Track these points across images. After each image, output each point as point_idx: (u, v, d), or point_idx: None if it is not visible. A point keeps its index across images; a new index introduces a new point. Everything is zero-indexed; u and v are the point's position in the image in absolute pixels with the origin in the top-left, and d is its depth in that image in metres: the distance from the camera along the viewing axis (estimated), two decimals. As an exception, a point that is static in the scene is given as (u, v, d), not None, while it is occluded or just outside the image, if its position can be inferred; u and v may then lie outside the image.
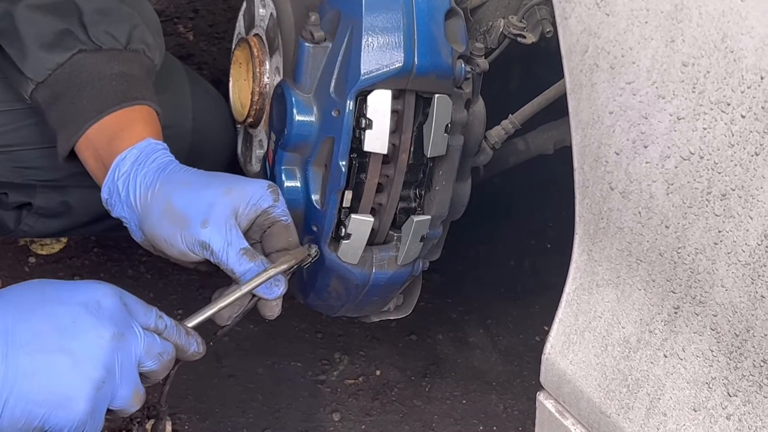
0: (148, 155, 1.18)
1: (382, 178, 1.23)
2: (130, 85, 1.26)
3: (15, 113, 1.41)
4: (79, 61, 1.25)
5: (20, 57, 1.26)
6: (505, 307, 2.07)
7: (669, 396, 0.93)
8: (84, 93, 1.24)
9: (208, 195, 1.12)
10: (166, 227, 1.13)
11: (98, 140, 1.22)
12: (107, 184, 1.19)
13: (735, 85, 0.79)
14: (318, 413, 1.82)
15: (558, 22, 0.93)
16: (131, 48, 1.29)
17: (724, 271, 0.85)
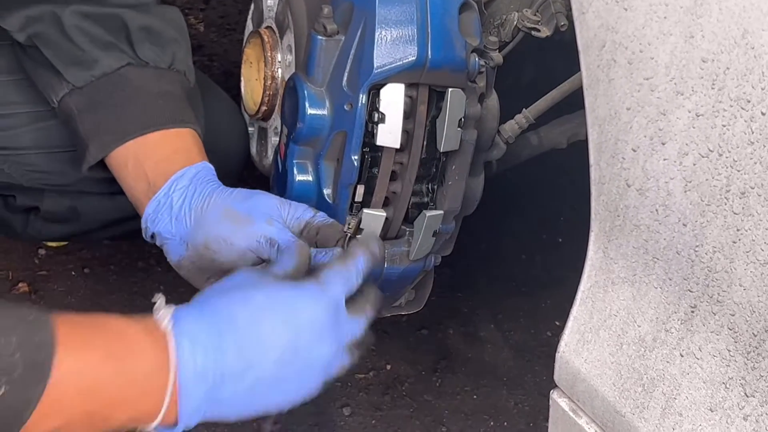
0: (205, 176, 1.22)
1: (394, 173, 1.22)
2: (177, 106, 1.27)
3: (28, 115, 1.40)
4: (126, 74, 1.26)
5: (63, 60, 1.25)
6: (516, 302, 2.06)
7: (685, 396, 0.92)
8: (128, 105, 1.24)
9: (264, 202, 1.17)
10: (228, 227, 1.15)
11: (142, 155, 1.23)
12: (158, 198, 1.20)
13: (755, 82, 0.78)
14: (328, 408, 1.82)
15: (575, 17, 0.92)
16: (174, 68, 1.30)
17: (742, 270, 0.84)
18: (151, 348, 0.95)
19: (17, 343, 0.86)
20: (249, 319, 0.99)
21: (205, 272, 1.18)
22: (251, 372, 0.98)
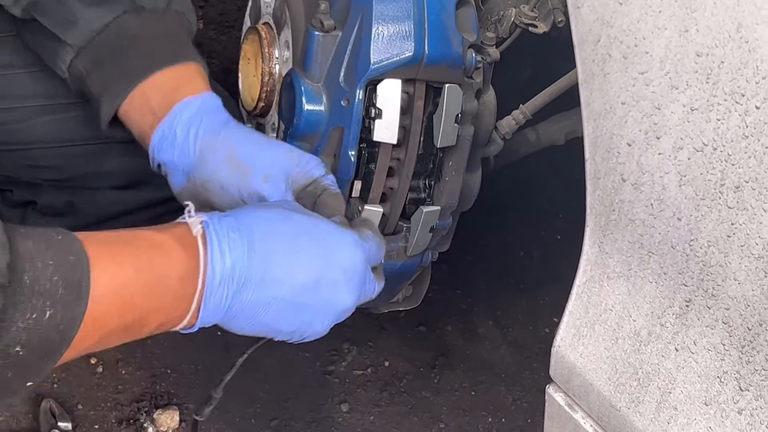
0: (211, 106, 1.19)
1: (391, 168, 1.22)
2: (179, 45, 1.26)
3: (27, 110, 1.40)
4: (124, 23, 1.23)
5: (60, 24, 1.24)
6: (514, 299, 2.06)
7: (680, 390, 0.92)
8: (131, 53, 1.22)
9: (270, 153, 1.15)
10: (226, 174, 1.14)
11: (153, 95, 1.21)
12: (161, 127, 1.18)
13: (749, 76, 0.78)
14: (326, 404, 1.82)
15: (570, 12, 0.92)
16: (173, 9, 1.28)
17: (737, 264, 0.84)
18: (182, 254, 0.97)
19: (54, 266, 0.87)
20: (285, 237, 1.02)
21: (205, 208, 1.16)
22: (273, 288, 1.00)
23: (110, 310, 0.92)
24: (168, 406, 1.78)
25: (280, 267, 1.01)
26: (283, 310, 1.03)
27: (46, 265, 0.86)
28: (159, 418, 1.76)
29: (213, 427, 1.77)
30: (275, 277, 1.00)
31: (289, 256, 1.02)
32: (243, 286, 0.99)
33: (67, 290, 0.87)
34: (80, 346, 0.91)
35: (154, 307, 0.96)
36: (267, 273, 1.00)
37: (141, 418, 1.76)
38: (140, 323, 0.96)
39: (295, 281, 1.02)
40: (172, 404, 1.79)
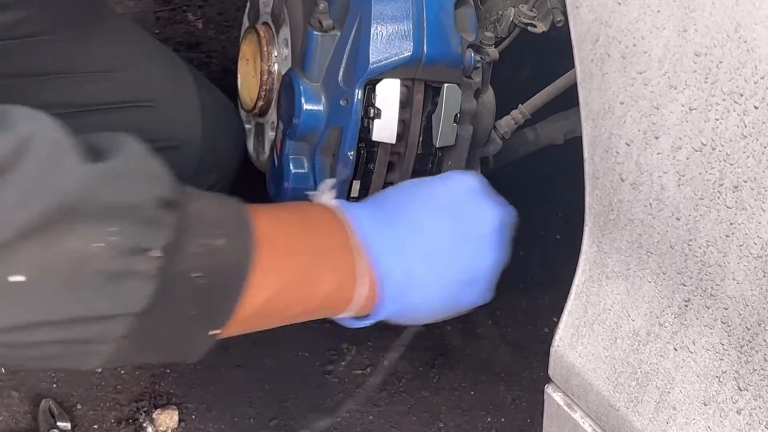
0: None
1: (391, 164, 1.22)
2: None
3: None
4: None
5: None
6: (513, 299, 2.06)
7: (679, 390, 0.92)
8: None
9: None
10: None
11: None
12: None
13: (748, 76, 0.78)
14: (325, 404, 1.82)
15: (569, 11, 0.92)
16: None
17: (736, 264, 0.84)
18: (330, 224, 0.98)
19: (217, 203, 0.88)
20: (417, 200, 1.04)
21: None
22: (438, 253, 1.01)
23: (280, 252, 0.92)
24: (167, 405, 1.78)
25: (422, 220, 1.01)
26: (446, 256, 1.02)
27: (210, 202, 0.87)
28: (158, 417, 1.76)
29: (212, 427, 1.77)
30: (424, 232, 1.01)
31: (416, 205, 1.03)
32: (400, 245, 0.99)
33: (236, 224, 0.87)
34: (256, 300, 0.88)
35: (318, 265, 0.95)
36: (416, 228, 1.01)
37: (140, 418, 1.76)
38: (313, 276, 0.94)
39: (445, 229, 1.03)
40: (171, 404, 1.79)
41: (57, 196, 0.73)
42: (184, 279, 0.82)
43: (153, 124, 1.45)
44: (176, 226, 0.80)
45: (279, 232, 0.92)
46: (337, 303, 0.98)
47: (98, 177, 0.76)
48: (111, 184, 0.77)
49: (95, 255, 0.76)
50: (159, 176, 0.82)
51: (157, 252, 0.79)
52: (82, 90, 1.44)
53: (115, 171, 0.78)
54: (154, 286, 0.79)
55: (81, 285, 0.76)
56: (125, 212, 0.77)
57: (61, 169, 0.74)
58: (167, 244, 0.79)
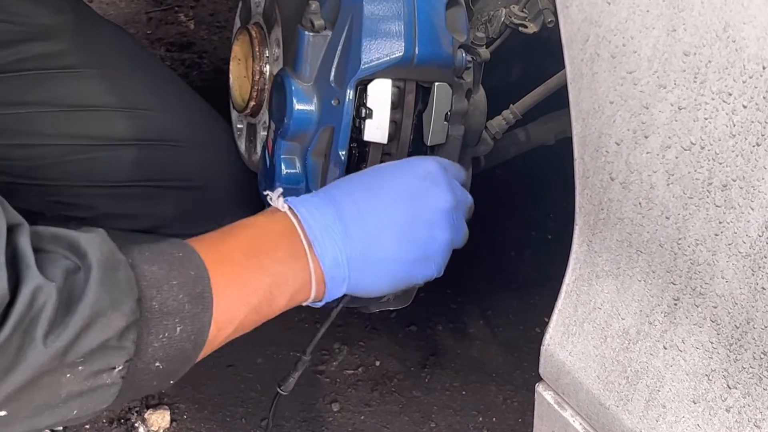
0: None
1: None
2: None
3: (53, 148, 1.42)
4: None
5: None
6: (505, 299, 2.07)
7: (668, 388, 0.93)
8: None
9: None
10: None
11: None
12: None
13: (737, 75, 0.79)
14: (317, 403, 1.82)
15: (559, 11, 0.93)
16: None
17: (725, 263, 0.85)
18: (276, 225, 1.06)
19: (178, 285, 0.94)
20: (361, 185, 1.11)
21: None
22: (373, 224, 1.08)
23: (235, 304, 0.99)
24: (159, 406, 1.78)
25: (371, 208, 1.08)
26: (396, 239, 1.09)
27: (171, 286, 0.93)
28: (150, 417, 1.76)
29: (203, 426, 1.77)
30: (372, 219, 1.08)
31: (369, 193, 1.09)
32: (346, 235, 1.06)
33: (193, 304, 0.95)
34: (216, 341, 0.99)
35: (272, 282, 1.02)
36: (363, 216, 1.07)
37: (132, 418, 1.76)
38: (267, 302, 1.02)
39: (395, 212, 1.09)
40: (163, 404, 1.79)
41: (28, 372, 0.83)
42: (146, 371, 0.93)
43: (179, 164, 1.49)
44: (137, 340, 0.90)
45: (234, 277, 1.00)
46: (294, 304, 1.07)
47: (61, 351, 0.84)
48: (74, 347, 0.85)
49: (66, 383, 0.86)
50: (121, 301, 0.89)
51: (120, 367, 0.89)
52: (114, 125, 1.47)
53: (78, 329, 0.85)
54: (118, 389, 0.90)
55: (53, 405, 0.87)
56: (90, 352, 0.86)
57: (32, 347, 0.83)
58: (128, 359, 0.89)
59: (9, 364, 0.82)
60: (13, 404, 0.84)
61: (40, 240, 0.88)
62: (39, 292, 0.83)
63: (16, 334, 0.82)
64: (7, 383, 0.82)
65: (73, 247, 0.89)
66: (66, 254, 0.88)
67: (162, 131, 1.47)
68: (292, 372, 1.29)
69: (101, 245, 0.90)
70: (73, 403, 0.88)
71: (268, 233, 1.06)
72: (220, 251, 1.01)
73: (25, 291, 0.82)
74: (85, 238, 0.90)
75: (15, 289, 0.82)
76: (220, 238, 1.04)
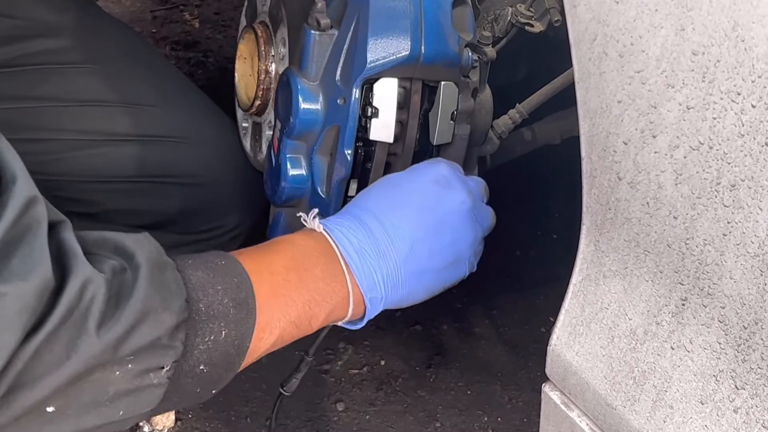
0: None
1: (388, 164, 1.22)
2: None
3: (60, 143, 1.42)
4: None
5: None
6: (510, 298, 2.06)
7: (676, 388, 0.92)
8: None
9: None
10: None
11: None
12: None
13: (746, 75, 0.78)
14: (322, 403, 1.82)
15: (566, 10, 0.92)
16: None
17: (733, 263, 0.85)
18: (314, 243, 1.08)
19: (223, 290, 0.95)
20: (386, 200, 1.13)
21: None
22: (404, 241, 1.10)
23: (275, 315, 1.00)
24: (164, 405, 1.78)
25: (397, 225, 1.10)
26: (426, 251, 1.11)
27: (216, 290, 0.95)
28: (155, 417, 1.76)
29: (208, 426, 1.77)
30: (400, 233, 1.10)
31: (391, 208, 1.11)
32: (379, 255, 1.08)
33: (237, 309, 0.96)
34: (257, 351, 1.00)
35: (311, 298, 1.04)
36: (391, 234, 1.09)
37: (137, 417, 1.76)
38: (307, 317, 1.04)
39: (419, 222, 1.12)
40: (168, 403, 1.79)
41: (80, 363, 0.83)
42: (191, 374, 0.93)
43: (184, 161, 1.50)
44: (185, 340, 0.91)
45: (275, 288, 1.02)
46: (331, 321, 1.10)
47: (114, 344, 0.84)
48: (126, 342, 0.85)
49: (115, 380, 0.86)
50: (171, 300, 0.90)
51: (168, 367, 0.90)
52: (119, 120, 1.47)
53: (130, 323, 0.85)
54: (164, 390, 0.91)
55: (100, 404, 0.87)
56: (141, 349, 0.87)
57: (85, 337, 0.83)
58: (176, 360, 0.90)
59: (61, 355, 0.81)
60: (61, 399, 0.83)
61: (85, 243, 0.88)
62: (89, 283, 0.83)
63: (66, 325, 0.81)
64: (57, 375, 0.82)
65: (119, 249, 0.89)
66: (112, 256, 0.89)
67: (166, 128, 1.47)
68: (295, 373, 1.29)
69: (149, 247, 0.91)
70: (120, 403, 0.88)
71: (306, 251, 1.07)
72: (261, 263, 1.03)
73: (74, 282, 0.82)
74: (131, 240, 0.90)
75: (62, 280, 0.82)
76: (260, 252, 1.06)
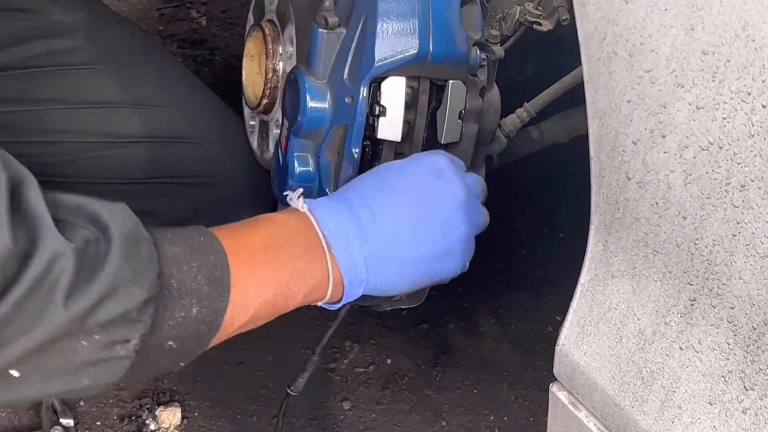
0: None
1: (396, 163, 1.22)
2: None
3: (69, 145, 1.43)
4: None
5: None
6: (516, 297, 2.06)
7: (684, 389, 0.92)
8: None
9: None
10: None
11: None
12: None
13: (756, 75, 0.78)
14: (328, 401, 1.82)
15: (576, 9, 0.92)
16: None
17: (742, 263, 0.84)
18: (296, 222, 1.07)
19: (197, 267, 0.95)
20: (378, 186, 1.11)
21: None
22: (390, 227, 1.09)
23: (251, 293, 1.00)
24: (170, 403, 1.78)
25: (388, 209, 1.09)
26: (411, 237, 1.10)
27: (191, 267, 0.94)
28: (161, 414, 1.76)
29: (214, 424, 1.77)
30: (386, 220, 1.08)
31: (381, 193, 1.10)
32: (362, 237, 1.07)
33: (211, 287, 0.95)
34: (231, 329, 0.99)
35: (290, 277, 1.03)
36: (378, 217, 1.08)
37: (143, 415, 1.76)
38: (284, 296, 1.03)
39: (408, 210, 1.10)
40: (174, 401, 1.79)
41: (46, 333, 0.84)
42: (159, 348, 0.93)
43: (195, 161, 1.49)
44: (154, 315, 0.91)
45: (252, 266, 1.01)
46: (309, 302, 1.08)
47: (81, 315, 0.85)
48: (94, 315, 0.86)
49: (81, 350, 0.87)
50: (142, 274, 0.89)
51: (135, 340, 0.89)
52: (127, 121, 1.47)
53: (99, 296, 0.85)
54: (130, 362, 0.91)
55: (65, 372, 0.88)
56: (109, 321, 0.87)
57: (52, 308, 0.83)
58: (144, 333, 0.90)
59: (27, 324, 0.82)
60: (26, 365, 0.84)
61: (57, 208, 0.88)
62: (58, 257, 0.83)
63: (34, 294, 0.82)
64: (23, 342, 0.83)
65: (94, 219, 0.89)
66: (85, 225, 0.89)
67: (176, 129, 1.47)
68: (301, 372, 1.29)
69: (124, 218, 0.91)
70: (85, 373, 0.89)
71: (287, 229, 1.06)
72: (241, 241, 1.02)
73: (42, 254, 0.82)
74: (107, 211, 0.90)
75: (30, 248, 0.82)
76: (241, 229, 1.05)
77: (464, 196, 1.14)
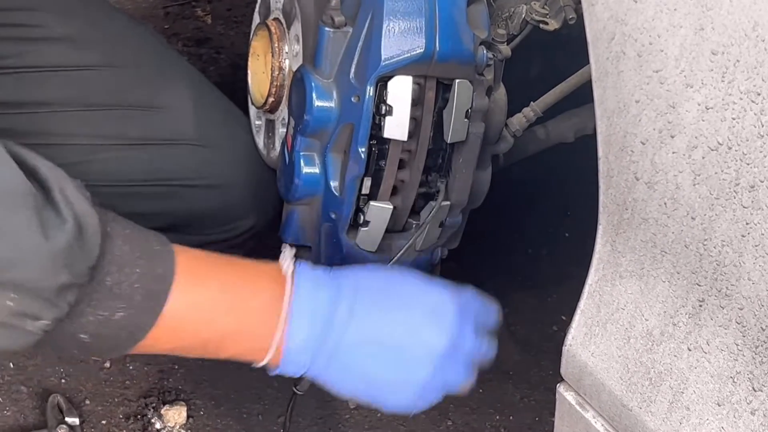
0: None
1: (402, 161, 1.22)
2: None
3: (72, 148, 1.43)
4: None
5: None
6: (522, 296, 2.06)
7: (692, 390, 0.92)
8: None
9: None
10: None
11: None
12: None
13: (766, 75, 0.78)
14: (333, 400, 1.81)
15: (584, 9, 0.92)
16: None
17: (751, 264, 0.84)
18: (270, 284, 1.02)
19: (140, 274, 0.93)
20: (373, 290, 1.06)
21: None
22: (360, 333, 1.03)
23: (186, 326, 0.97)
24: (175, 401, 1.78)
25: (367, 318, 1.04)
26: (369, 360, 1.04)
27: (132, 271, 0.92)
28: (166, 413, 1.76)
29: (220, 423, 1.77)
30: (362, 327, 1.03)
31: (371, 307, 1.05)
32: (323, 336, 1.01)
33: (145, 299, 0.93)
34: (151, 348, 0.97)
35: (235, 330, 1.00)
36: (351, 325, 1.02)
37: (148, 414, 1.76)
38: (217, 343, 1.00)
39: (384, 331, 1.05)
40: (180, 400, 1.78)
41: None
42: (71, 338, 0.92)
43: (197, 163, 1.48)
44: (73, 304, 0.89)
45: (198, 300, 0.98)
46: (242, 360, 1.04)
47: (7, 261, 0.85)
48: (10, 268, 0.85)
49: None
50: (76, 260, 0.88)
51: (46, 321, 0.89)
52: (130, 123, 1.46)
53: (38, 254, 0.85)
54: (38, 339, 0.90)
55: None
56: (26, 290, 0.86)
57: None
58: (57, 317, 0.89)
59: None
60: None
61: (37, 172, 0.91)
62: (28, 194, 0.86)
63: None
64: None
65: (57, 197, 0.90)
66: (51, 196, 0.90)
67: (180, 131, 1.47)
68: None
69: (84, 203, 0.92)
70: None
71: (256, 280, 1.03)
72: (199, 272, 0.99)
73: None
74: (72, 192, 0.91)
75: None
76: (207, 260, 1.01)
77: (443, 349, 1.08)
